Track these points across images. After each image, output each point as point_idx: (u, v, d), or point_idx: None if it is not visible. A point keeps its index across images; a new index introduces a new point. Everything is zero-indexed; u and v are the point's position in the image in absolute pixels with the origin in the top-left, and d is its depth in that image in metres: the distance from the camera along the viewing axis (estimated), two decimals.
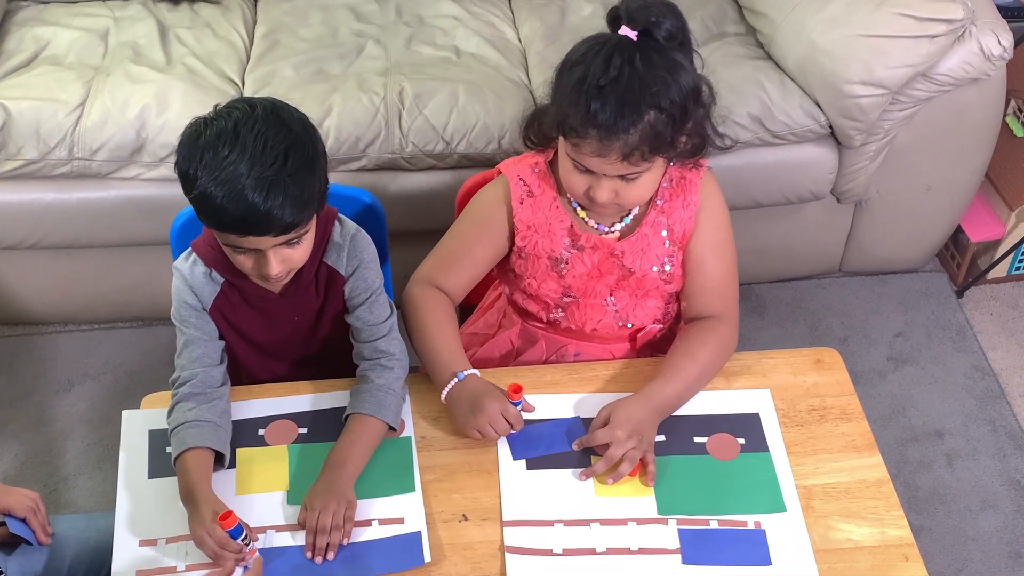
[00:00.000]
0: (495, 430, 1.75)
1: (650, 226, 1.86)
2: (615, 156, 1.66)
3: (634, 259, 1.87)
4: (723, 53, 2.84)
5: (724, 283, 1.91)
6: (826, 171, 2.82)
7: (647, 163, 1.69)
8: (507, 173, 1.89)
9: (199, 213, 1.68)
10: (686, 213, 1.85)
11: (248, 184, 1.59)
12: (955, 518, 2.64)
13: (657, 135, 1.66)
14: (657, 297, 1.94)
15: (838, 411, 1.86)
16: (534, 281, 1.93)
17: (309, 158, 1.66)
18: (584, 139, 1.67)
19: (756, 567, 1.64)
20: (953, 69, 2.64)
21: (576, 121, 1.66)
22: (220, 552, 1.60)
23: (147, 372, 2.89)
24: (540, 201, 1.87)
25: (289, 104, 1.72)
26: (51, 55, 2.82)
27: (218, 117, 1.66)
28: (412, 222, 2.72)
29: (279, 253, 1.70)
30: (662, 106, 1.65)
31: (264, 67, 2.82)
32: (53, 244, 2.76)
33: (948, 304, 3.14)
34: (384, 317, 1.87)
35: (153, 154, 2.63)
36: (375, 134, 2.66)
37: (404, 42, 2.92)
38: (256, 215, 1.61)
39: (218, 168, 1.61)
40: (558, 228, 1.87)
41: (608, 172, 1.70)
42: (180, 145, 1.68)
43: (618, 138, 1.64)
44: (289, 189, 1.62)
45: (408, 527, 1.69)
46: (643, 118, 1.64)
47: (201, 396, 1.77)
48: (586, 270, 1.89)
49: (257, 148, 1.61)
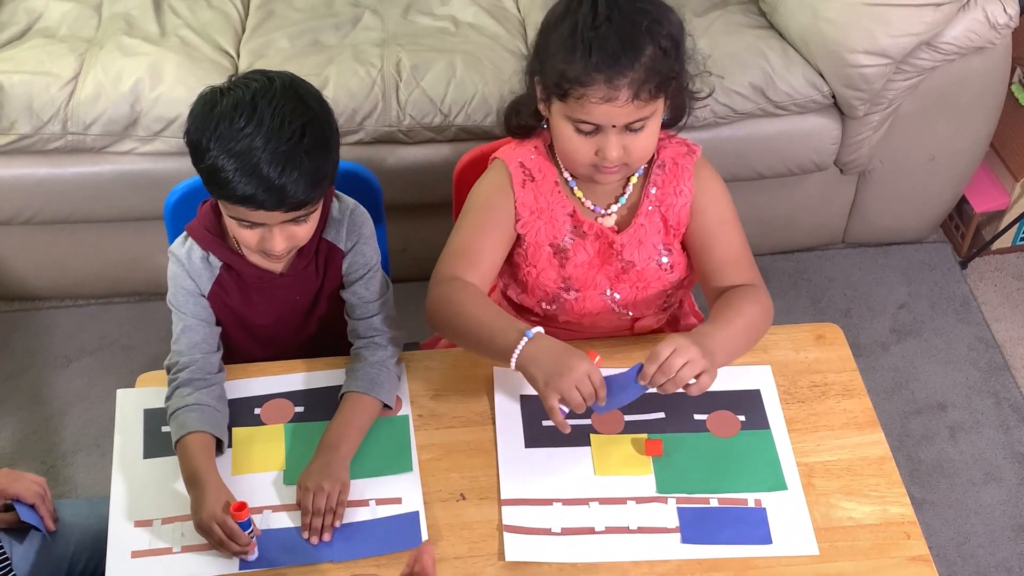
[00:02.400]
0: (581, 394, 1.60)
1: (645, 216, 1.82)
2: (625, 96, 1.61)
3: (632, 251, 1.84)
4: (725, 22, 2.80)
5: (741, 253, 1.85)
6: (829, 141, 2.79)
7: (653, 103, 1.65)
8: (506, 159, 1.85)
9: (209, 184, 1.66)
10: (679, 201, 1.82)
11: (263, 158, 1.57)
12: (958, 491, 2.63)
13: (659, 70, 1.63)
14: (658, 287, 1.91)
15: (840, 387, 1.84)
16: (533, 270, 1.88)
17: (325, 136, 1.65)
18: (590, 87, 1.62)
19: (756, 545, 1.63)
20: (958, 38, 2.61)
21: (578, 70, 1.62)
22: (226, 542, 1.59)
23: (144, 347, 2.88)
24: (541, 185, 1.83)
25: (305, 80, 1.69)
26: (44, 27, 2.78)
27: (235, 87, 1.63)
28: (410, 196, 2.69)
29: (285, 230, 1.68)
30: (658, 40, 1.63)
31: (259, 38, 2.79)
32: (47, 219, 2.74)
33: (952, 275, 3.12)
34: (380, 294, 1.86)
35: (147, 128, 2.61)
36: (372, 106, 2.63)
37: (401, 12, 2.88)
38: (269, 190, 1.59)
39: (232, 139, 1.58)
40: (560, 213, 1.83)
41: (617, 120, 1.65)
42: (192, 115, 1.65)
43: (625, 75, 1.60)
44: (304, 165, 1.60)
45: (406, 507, 1.68)
46: (644, 51, 1.61)
47: (200, 382, 1.76)
48: (587, 259, 1.86)
49: (275, 122, 1.59)
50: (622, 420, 1.79)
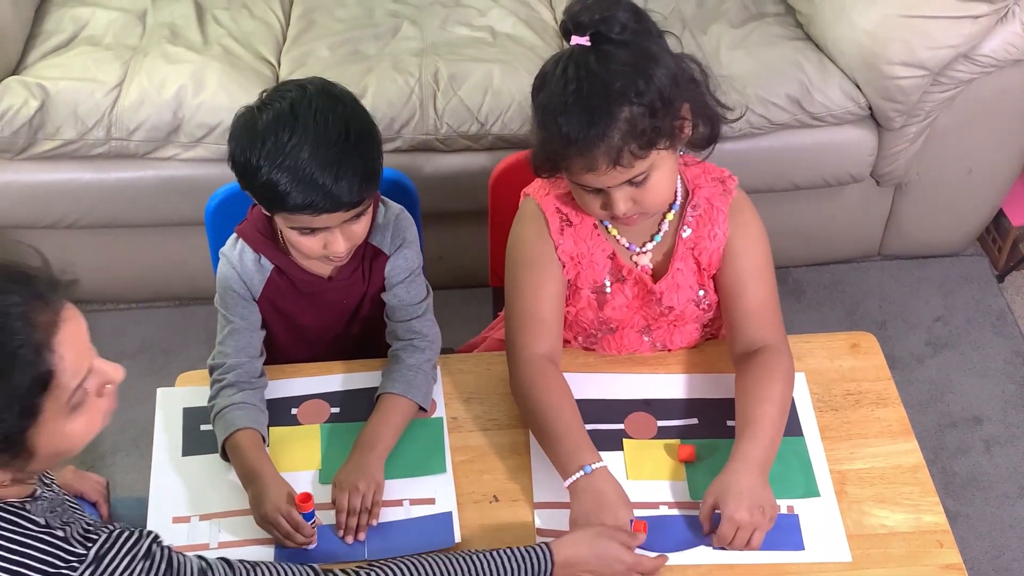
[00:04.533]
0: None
1: (681, 259, 1.79)
2: (604, 165, 1.56)
3: (671, 297, 1.81)
4: (761, 33, 2.81)
5: (768, 308, 1.80)
6: (865, 153, 2.79)
7: (643, 160, 1.59)
8: (542, 203, 1.81)
9: (266, 201, 1.67)
10: (712, 244, 1.77)
11: (316, 164, 1.59)
12: (992, 505, 2.62)
13: (640, 129, 1.56)
14: (695, 322, 1.89)
15: (874, 396, 1.84)
16: (572, 309, 1.86)
17: (368, 129, 1.68)
18: (569, 160, 1.59)
19: (789, 551, 1.63)
20: (995, 50, 2.60)
21: (556, 146, 1.59)
22: (292, 534, 1.61)
23: (184, 351, 2.91)
24: (580, 229, 1.79)
25: (333, 82, 1.71)
26: (89, 35, 2.83)
27: (271, 102, 1.65)
28: (446, 204, 2.71)
29: (346, 230, 1.70)
30: (634, 99, 1.54)
31: (300, 47, 2.82)
32: (91, 224, 2.79)
33: (989, 289, 3.10)
34: (421, 297, 1.87)
35: (189, 134, 2.64)
36: (410, 115, 2.66)
37: (439, 22, 2.91)
38: (328, 195, 1.61)
39: (281, 153, 1.60)
40: (600, 256, 1.80)
41: (610, 184, 1.61)
42: (234, 137, 1.66)
43: (598, 147, 1.54)
44: (355, 162, 1.62)
45: (439, 508, 1.69)
46: (617, 117, 1.54)
47: (245, 384, 1.78)
48: (626, 301, 1.84)
49: (319, 126, 1.61)
50: (655, 425, 1.80)
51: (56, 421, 1.26)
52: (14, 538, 1.27)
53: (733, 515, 1.59)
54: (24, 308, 1.21)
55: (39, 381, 1.22)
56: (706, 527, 1.63)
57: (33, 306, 1.22)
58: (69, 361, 1.25)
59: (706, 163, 1.80)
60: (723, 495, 1.61)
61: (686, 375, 1.88)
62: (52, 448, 1.28)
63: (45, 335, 1.22)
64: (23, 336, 1.20)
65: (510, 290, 1.83)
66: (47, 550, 1.27)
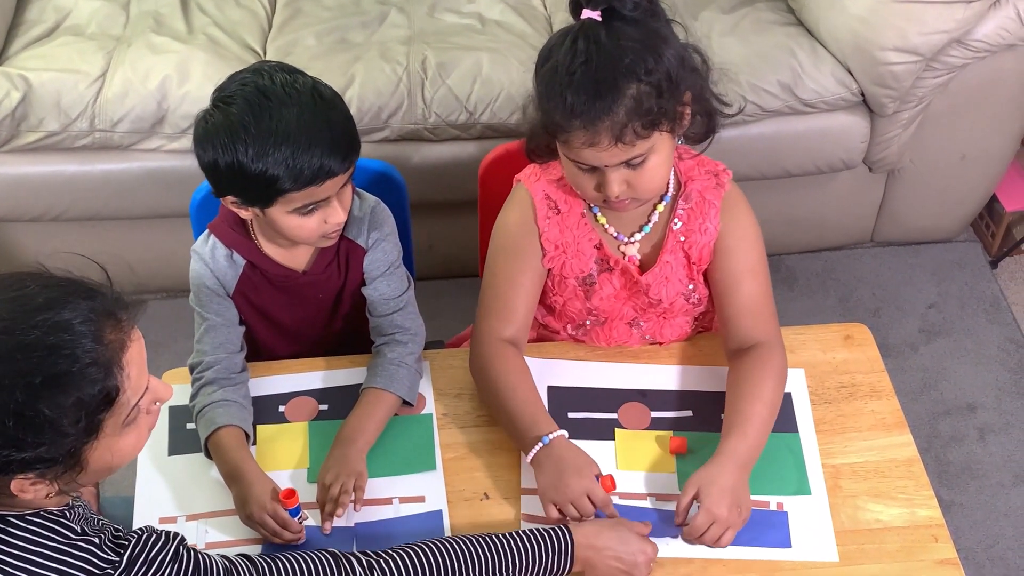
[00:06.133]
0: (578, 510, 1.60)
1: (670, 252, 1.77)
2: (606, 140, 1.54)
3: (659, 289, 1.79)
4: (753, 19, 2.79)
5: (762, 304, 1.78)
6: (858, 140, 2.77)
7: (645, 140, 1.57)
8: (531, 188, 1.79)
9: (264, 191, 1.62)
10: (703, 239, 1.75)
11: (306, 132, 1.58)
12: (987, 493, 2.61)
13: (646, 108, 1.54)
14: (685, 315, 1.88)
15: (868, 388, 1.82)
16: (559, 299, 1.85)
17: (330, 88, 1.67)
18: (571, 133, 1.57)
19: (775, 548, 1.62)
20: (989, 35, 2.58)
21: (558, 116, 1.56)
22: (279, 532, 1.59)
23: (171, 344, 2.87)
24: (567, 217, 1.77)
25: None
26: (72, 25, 2.80)
27: (232, 96, 1.62)
28: (435, 194, 2.69)
29: (343, 197, 1.69)
30: (642, 77, 1.53)
31: (286, 36, 2.79)
32: (75, 216, 2.76)
33: (982, 275, 3.09)
34: (402, 290, 1.85)
35: (174, 125, 2.62)
36: (398, 104, 2.63)
37: (427, 10, 2.88)
38: (330, 153, 1.60)
39: (270, 134, 1.57)
40: (587, 246, 1.78)
41: (609, 161, 1.59)
42: (207, 140, 1.62)
43: (602, 120, 1.53)
44: (339, 117, 1.63)
45: (429, 505, 1.67)
46: (624, 93, 1.52)
47: (225, 380, 1.76)
48: (613, 292, 1.82)
49: (292, 96, 1.60)
50: (649, 416, 1.79)
51: (111, 437, 1.28)
52: (56, 546, 1.29)
53: (712, 508, 1.58)
54: (95, 326, 1.24)
55: (106, 398, 1.25)
56: (682, 518, 1.62)
57: (104, 324, 1.25)
58: (133, 379, 1.28)
59: (701, 156, 1.78)
60: (707, 487, 1.60)
61: (683, 367, 1.86)
62: (103, 463, 1.30)
63: (115, 353, 1.25)
64: (94, 354, 1.22)
65: (487, 274, 1.83)
66: (86, 557, 1.29)
